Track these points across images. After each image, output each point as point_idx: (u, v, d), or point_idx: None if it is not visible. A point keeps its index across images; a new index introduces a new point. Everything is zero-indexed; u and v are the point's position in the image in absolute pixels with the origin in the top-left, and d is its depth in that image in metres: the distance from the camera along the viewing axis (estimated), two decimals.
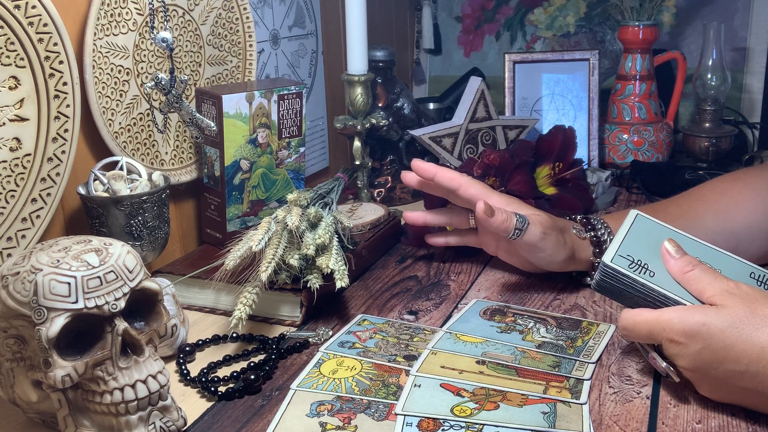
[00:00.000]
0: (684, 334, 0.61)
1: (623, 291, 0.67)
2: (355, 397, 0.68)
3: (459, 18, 1.70)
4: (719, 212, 0.88)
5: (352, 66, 1.11)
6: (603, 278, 0.68)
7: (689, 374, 0.64)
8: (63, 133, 0.79)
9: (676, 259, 0.66)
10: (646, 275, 0.66)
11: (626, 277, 0.66)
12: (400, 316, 0.85)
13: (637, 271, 0.66)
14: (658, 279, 0.66)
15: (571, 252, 0.86)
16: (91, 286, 0.58)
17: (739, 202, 0.88)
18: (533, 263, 0.88)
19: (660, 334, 0.63)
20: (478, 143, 1.25)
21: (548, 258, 0.85)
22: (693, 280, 0.65)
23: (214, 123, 0.94)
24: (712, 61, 1.35)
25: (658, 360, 0.66)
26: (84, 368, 0.58)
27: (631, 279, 0.66)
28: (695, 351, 0.61)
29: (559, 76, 1.38)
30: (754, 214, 0.87)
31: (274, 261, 0.79)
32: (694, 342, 0.61)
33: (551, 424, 0.63)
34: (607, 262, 0.67)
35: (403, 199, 1.29)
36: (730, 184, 0.90)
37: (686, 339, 0.61)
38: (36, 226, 0.78)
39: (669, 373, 0.66)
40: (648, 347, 0.68)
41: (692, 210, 0.88)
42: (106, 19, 0.85)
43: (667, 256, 0.67)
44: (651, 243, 0.69)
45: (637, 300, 0.67)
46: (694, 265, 0.65)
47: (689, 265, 0.65)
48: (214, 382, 0.72)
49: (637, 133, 1.35)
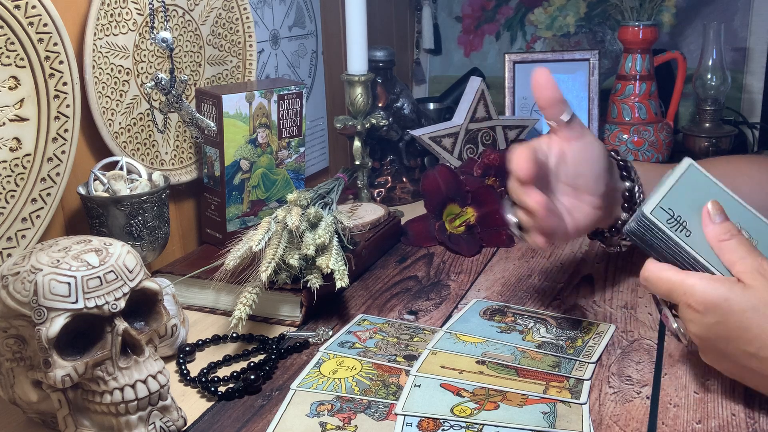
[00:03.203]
0: (704, 303, 0.61)
1: (655, 243, 0.65)
2: (355, 397, 0.68)
3: (459, 18, 1.70)
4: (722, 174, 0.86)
5: (352, 66, 1.11)
6: (638, 226, 0.65)
7: (698, 341, 0.64)
8: (63, 133, 0.79)
9: (716, 224, 0.65)
10: (681, 234, 0.64)
11: (661, 231, 0.64)
12: (400, 316, 0.85)
13: (674, 227, 0.64)
14: (693, 240, 0.64)
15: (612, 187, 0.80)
16: (91, 286, 0.58)
17: (744, 171, 0.88)
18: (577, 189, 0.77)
19: (680, 297, 0.63)
20: (478, 143, 1.25)
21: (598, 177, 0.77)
22: (727, 249, 0.63)
23: (214, 123, 0.94)
24: (712, 61, 1.35)
25: (670, 319, 0.66)
26: (84, 368, 0.58)
27: (666, 235, 0.64)
28: (710, 323, 0.61)
29: (559, 76, 1.38)
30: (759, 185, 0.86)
31: (274, 261, 0.79)
32: (712, 314, 0.61)
33: (551, 424, 0.63)
34: (647, 213, 0.65)
35: (403, 199, 1.29)
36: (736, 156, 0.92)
37: (704, 308, 0.61)
38: (36, 226, 0.78)
39: (678, 334, 0.65)
40: (663, 303, 0.67)
41: None
42: (106, 19, 0.85)
43: (707, 219, 0.65)
44: (696, 199, 0.67)
45: (666, 255, 0.65)
46: (732, 234, 0.64)
47: (727, 234, 0.64)
48: (214, 382, 0.72)
49: (637, 133, 1.35)
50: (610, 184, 0.79)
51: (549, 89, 0.76)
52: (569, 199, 0.78)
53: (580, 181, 0.77)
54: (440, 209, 1.07)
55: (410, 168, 1.31)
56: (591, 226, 0.79)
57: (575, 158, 0.77)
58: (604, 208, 0.79)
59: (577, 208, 0.78)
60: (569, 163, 0.77)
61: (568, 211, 0.78)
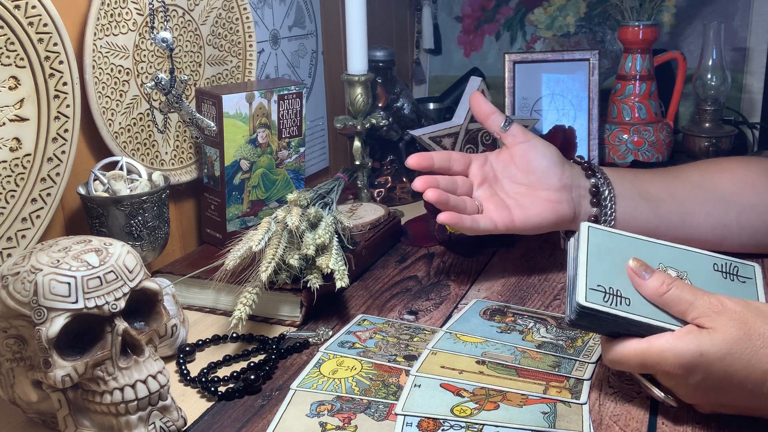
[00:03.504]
0: (681, 367, 0.58)
1: (603, 325, 0.63)
2: (355, 397, 0.68)
3: (459, 18, 1.70)
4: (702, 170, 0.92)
5: (352, 66, 1.11)
6: (579, 317, 0.63)
7: (691, 401, 0.62)
8: (63, 133, 0.79)
9: (646, 280, 0.63)
10: (623, 305, 0.62)
11: (604, 313, 0.62)
12: (400, 316, 0.85)
13: (613, 303, 0.62)
14: (635, 307, 0.62)
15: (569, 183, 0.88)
16: (91, 286, 0.58)
17: (729, 169, 0.92)
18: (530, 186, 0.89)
19: (654, 367, 0.60)
20: (478, 143, 1.25)
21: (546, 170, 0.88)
22: (672, 301, 0.61)
23: (214, 123, 0.94)
24: (712, 61, 1.35)
25: (654, 390, 0.63)
26: (84, 368, 0.58)
27: (611, 315, 0.61)
28: (696, 382, 0.59)
29: (559, 76, 1.38)
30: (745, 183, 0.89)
31: (274, 261, 0.79)
32: (694, 374, 0.58)
33: (551, 424, 0.63)
34: (583, 302, 0.61)
35: (403, 199, 1.29)
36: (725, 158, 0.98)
37: (684, 371, 0.59)
38: (36, 226, 0.78)
39: (666, 401, 0.63)
40: (641, 376, 0.65)
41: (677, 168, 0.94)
42: (106, 19, 0.85)
43: (636, 279, 0.63)
44: (615, 261, 0.65)
45: (619, 330, 0.63)
46: (668, 284, 0.62)
47: (663, 285, 0.62)
48: (214, 382, 0.72)
49: (637, 133, 1.35)
50: (564, 179, 0.88)
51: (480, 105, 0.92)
52: (520, 193, 0.89)
53: (531, 178, 0.88)
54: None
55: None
56: (549, 217, 0.87)
57: (521, 158, 0.89)
58: (564, 201, 0.87)
59: (527, 201, 0.88)
60: (517, 163, 0.89)
61: (518, 203, 0.88)
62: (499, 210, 0.88)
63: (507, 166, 0.90)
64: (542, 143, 0.90)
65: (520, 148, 0.89)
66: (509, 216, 0.88)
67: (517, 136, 0.89)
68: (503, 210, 0.88)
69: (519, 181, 0.89)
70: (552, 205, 0.87)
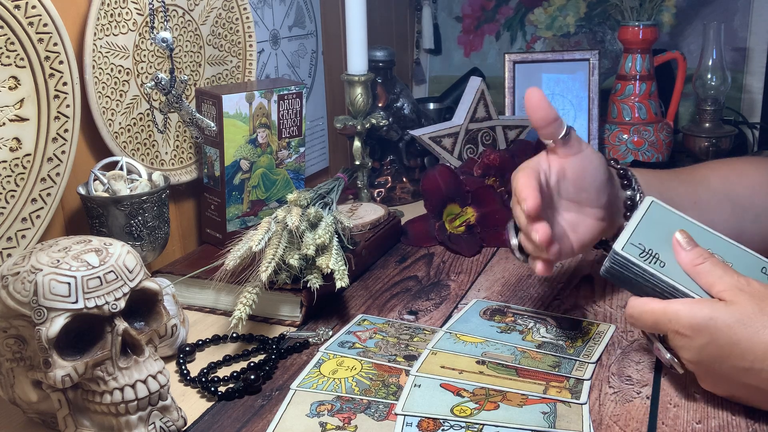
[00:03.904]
0: (690, 327, 0.61)
1: (633, 279, 0.67)
2: (355, 397, 0.68)
3: (459, 18, 1.70)
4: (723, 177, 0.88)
5: (352, 66, 1.11)
6: (613, 265, 0.67)
7: (693, 367, 0.64)
8: (63, 133, 0.79)
9: (687, 251, 0.66)
10: (656, 265, 0.66)
11: (636, 266, 0.66)
12: (400, 316, 0.85)
13: (647, 260, 0.66)
14: (668, 270, 0.66)
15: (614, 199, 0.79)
16: (91, 286, 0.58)
17: (744, 173, 0.89)
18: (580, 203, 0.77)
19: (666, 326, 0.63)
20: (478, 143, 1.25)
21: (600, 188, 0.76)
22: (703, 273, 0.64)
23: (214, 123, 0.94)
24: (712, 61, 1.35)
25: (662, 351, 0.66)
26: (84, 368, 0.58)
27: (641, 268, 0.66)
28: (701, 345, 0.61)
29: (559, 76, 1.38)
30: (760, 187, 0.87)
31: (274, 261, 0.79)
32: (700, 336, 0.61)
33: (551, 424, 0.63)
34: (618, 250, 0.66)
35: (403, 199, 1.29)
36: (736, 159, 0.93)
37: (692, 332, 0.61)
38: (36, 226, 0.78)
39: (672, 364, 0.66)
40: (653, 337, 0.68)
41: (698, 173, 0.89)
42: (106, 19, 0.85)
43: (677, 248, 0.67)
44: (664, 232, 0.68)
45: (645, 289, 0.67)
46: (705, 257, 0.65)
47: (700, 258, 0.65)
48: (214, 382, 0.72)
49: (637, 133, 1.35)
50: (612, 195, 0.78)
51: (543, 109, 0.74)
52: (572, 214, 0.77)
53: (583, 196, 0.76)
54: (440, 209, 1.07)
55: (410, 168, 1.31)
56: (596, 238, 0.79)
57: (575, 173, 0.76)
58: (608, 219, 0.78)
59: (581, 223, 0.77)
60: (570, 178, 0.76)
61: (572, 227, 0.77)
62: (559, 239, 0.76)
63: (559, 181, 0.77)
64: (595, 155, 0.78)
65: (575, 162, 0.76)
66: (569, 245, 0.77)
67: (572, 147, 0.76)
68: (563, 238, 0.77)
69: (569, 198, 0.77)
70: (598, 224, 0.78)
